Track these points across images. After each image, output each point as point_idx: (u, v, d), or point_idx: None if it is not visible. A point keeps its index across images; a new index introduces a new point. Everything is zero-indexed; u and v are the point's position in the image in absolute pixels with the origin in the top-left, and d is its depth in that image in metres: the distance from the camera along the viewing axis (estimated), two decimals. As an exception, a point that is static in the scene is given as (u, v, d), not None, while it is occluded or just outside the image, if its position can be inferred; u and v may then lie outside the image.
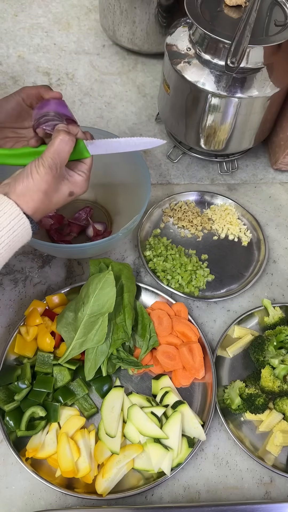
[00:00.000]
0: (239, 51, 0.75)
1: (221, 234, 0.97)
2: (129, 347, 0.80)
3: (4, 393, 0.73)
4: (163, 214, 0.99)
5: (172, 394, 0.75)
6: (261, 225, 0.97)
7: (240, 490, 0.73)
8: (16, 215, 0.58)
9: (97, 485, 0.69)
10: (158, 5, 1.08)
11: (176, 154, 1.06)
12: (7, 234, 0.58)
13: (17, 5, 1.33)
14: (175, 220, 0.98)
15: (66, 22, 1.30)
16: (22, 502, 0.70)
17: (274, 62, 0.85)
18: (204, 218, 0.98)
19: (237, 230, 0.97)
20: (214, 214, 0.99)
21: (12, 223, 0.58)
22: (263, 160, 1.09)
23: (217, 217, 0.98)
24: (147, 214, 0.96)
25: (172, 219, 0.98)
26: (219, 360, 0.81)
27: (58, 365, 0.76)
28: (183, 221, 0.97)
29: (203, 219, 0.98)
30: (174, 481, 0.73)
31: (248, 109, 0.88)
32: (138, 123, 1.12)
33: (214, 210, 0.99)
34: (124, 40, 1.19)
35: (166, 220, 0.98)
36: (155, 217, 0.98)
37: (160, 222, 0.98)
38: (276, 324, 0.83)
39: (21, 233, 0.59)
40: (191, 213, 0.98)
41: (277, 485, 0.74)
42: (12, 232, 0.58)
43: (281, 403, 0.75)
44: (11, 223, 0.58)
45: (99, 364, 0.75)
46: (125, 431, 0.73)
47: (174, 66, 0.88)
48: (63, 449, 0.69)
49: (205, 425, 0.73)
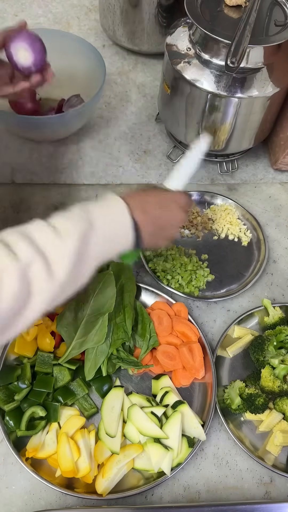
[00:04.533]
0: (239, 51, 0.75)
1: (221, 234, 0.97)
2: (129, 347, 0.80)
3: (4, 393, 0.73)
4: None
5: (172, 394, 0.75)
6: (261, 225, 0.97)
7: (240, 490, 0.73)
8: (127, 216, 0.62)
9: (97, 485, 0.69)
10: (158, 5, 1.08)
11: (176, 154, 1.06)
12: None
13: (17, 5, 1.33)
14: None
15: (66, 22, 1.30)
16: (22, 502, 0.70)
17: (274, 62, 0.85)
18: (204, 218, 0.98)
19: (237, 230, 0.97)
20: (214, 214, 0.99)
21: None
22: (263, 160, 1.09)
23: (217, 217, 0.98)
24: None
25: None
26: (219, 360, 0.81)
27: (58, 365, 0.76)
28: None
29: (203, 219, 0.98)
30: (174, 481, 0.73)
31: (248, 109, 0.88)
32: (138, 123, 1.12)
33: (214, 210, 0.99)
34: (124, 40, 1.19)
35: None
36: None
37: None
38: (276, 324, 0.83)
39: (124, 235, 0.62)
40: (191, 213, 0.98)
41: (277, 485, 0.74)
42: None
43: (281, 403, 0.75)
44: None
45: (99, 364, 0.75)
46: (125, 431, 0.73)
47: (174, 66, 0.88)
48: (63, 449, 0.69)
49: (205, 425, 0.73)
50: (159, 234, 0.68)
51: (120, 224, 0.61)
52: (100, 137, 1.09)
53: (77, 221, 0.58)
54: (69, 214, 0.59)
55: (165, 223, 0.68)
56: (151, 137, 1.10)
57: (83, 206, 0.61)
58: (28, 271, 0.52)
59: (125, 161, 1.05)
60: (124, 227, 0.61)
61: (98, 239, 0.59)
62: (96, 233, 0.59)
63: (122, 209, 0.62)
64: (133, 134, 1.10)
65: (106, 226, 0.60)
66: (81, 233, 0.57)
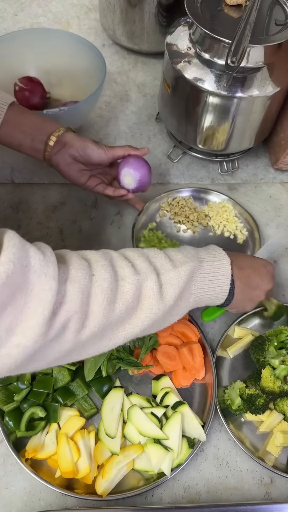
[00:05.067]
0: (240, 50, 0.75)
1: (217, 230, 0.97)
2: (129, 347, 0.80)
3: (4, 393, 0.73)
4: (160, 209, 0.99)
5: (172, 394, 0.75)
6: (259, 225, 0.97)
7: (240, 490, 0.73)
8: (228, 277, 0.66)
9: (97, 485, 0.69)
10: (158, 5, 1.07)
11: (176, 154, 1.06)
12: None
13: (17, 4, 1.33)
14: (171, 215, 0.98)
15: (66, 21, 1.30)
16: (21, 503, 0.70)
17: (274, 62, 0.85)
18: (200, 214, 0.98)
19: (233, 228, 0.97)
20: (211, 210, 0.99)
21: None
22: (263, 160, 1.09)
23: (214, 213, 0.98)
24: (144, 208, 0.96)
25: (169, 213, 0.98)
26: (220, 361, 0.81)
27: (58, 366, 0.76)
28: (180, 216, 0.97)
29: (199, 215, 0.98)
30: (174, 482, 0.73)
31: (248, 108, 0.88)
32: (138, 123, 1.12)
33: (211, 207, 0.99)
34: (124, 40, 1.19)
35: (162, 215, 0.98)
36: (152, 211, 0.98)
37: (157, 216, 0.98)
38: (276, 314, 0.82)
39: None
40: (188, 208, 0.98)
41: (278, 485, 0.73)
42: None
43: (282, 404, 0.75)
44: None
45: (99, 364, 0.75)
46: (125, 432, 0.73)
47: (174, 65, 0.87)
48: (63, 450, 0.69)
49: (205, 425, 0.73)
50: (247, 293, 0.70)
51: (222, 271, 0.65)
52: (100, 137, 1.09)
53: (190, 256, 0.62)
54: (183, 249, 0.64)
55: (254, 283, 0.71)
56: (151, 136, 1.10)
57: (193, 247, 0.66)
58: (143, 285, 0.55)
59: (125, 161, 1.05)
60: (225, 275, 0.65)
61: (203, 279, 0.62)
62: (203, 273, 0.62)
63: (225, 259, 0.66)
64: (133, 133, 1.10)
65: (212, 270, 0.63)
66: (192, 267, 0.60)
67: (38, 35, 1.03)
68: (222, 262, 0.65)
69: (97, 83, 0.96)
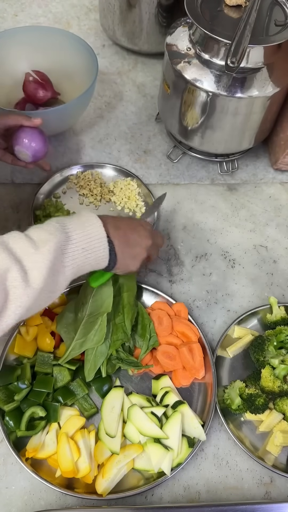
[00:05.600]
0: (239, 51, 0.75)
1: (117, 206, 0.99)
2: (129, 347, 0.80)
3: (4, 393, 0.73)
4: (68, 180, 1.00)
5: (172, 394, 0.75)
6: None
7: (240, 490, 0.73)
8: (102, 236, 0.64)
9: (97, 485, 0.69)
10: (158, 5, 1.08)
11: (176, 154, 1.06)
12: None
13: (17, 4, 1.33)
14: (77, 187, 1.00)
15: (66, 21, 1.30)
16: (22, 502, 0.70)
17: (274, 62, 0.85)
18: (105, 189, 1.00)
19: (134, 205, 0.99)
20: (115, 187, 1.00)
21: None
22: (263, 160, 1.09)
23: (118, 190, 1.00)
24: (52, 178, 0.98)
25: (75, 186, 1.00)
26: (219, 360, 0.81)
27: (58, 365, 0.76)
28: (84, 189, 0.99)
29: (103, 190, 0.99)
30: (174, 481, 0.73)
31: (248, 109, 0.88)
32: (138, 123, 1.12)
33: (117, 183, 1.01)
34: (124, 40, 1.19)
35: (69, 186, 1.00)
36: (60, 181, 1.00)
37: (63, 188, 1.00)
38: (277, 323, 0.83)
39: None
40: (93, 182, 1.00)
41: (277, 485, 0.74)
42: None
43: (281, 403, 0.75)
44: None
45: (99, 365, 0.75)
46: (125, 431, 0.73)
47: (174, 66, 0.88)
48: (63, 449, 0.69)
49: (205, 425, 0.73)
50: (128, 252, 0.69)
51: (95, 236, 0.63)
52: (100, 137, 1.09)
53: (53, 232, 0.60)
54: (45, 226, 0.61)
55: (133, 241, 0.71)
56: (151, 137, 1.10)
57: (59, 219, 0.63)
58: (5, 278, 0.53)
59: (125, 161, 1.05)
60: (99, 238, 0.64)
61: (74, 249, 0.61)
62: (72, 243, 0.61)
63: (97, 223, 0.64)
64: (133, 134, 1.10)
65: (82, 237, 0.62)
66: (57, 243, 0.59)
67: (27, 33, 1.03)
68: (94, 226, 0.64)
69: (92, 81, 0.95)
